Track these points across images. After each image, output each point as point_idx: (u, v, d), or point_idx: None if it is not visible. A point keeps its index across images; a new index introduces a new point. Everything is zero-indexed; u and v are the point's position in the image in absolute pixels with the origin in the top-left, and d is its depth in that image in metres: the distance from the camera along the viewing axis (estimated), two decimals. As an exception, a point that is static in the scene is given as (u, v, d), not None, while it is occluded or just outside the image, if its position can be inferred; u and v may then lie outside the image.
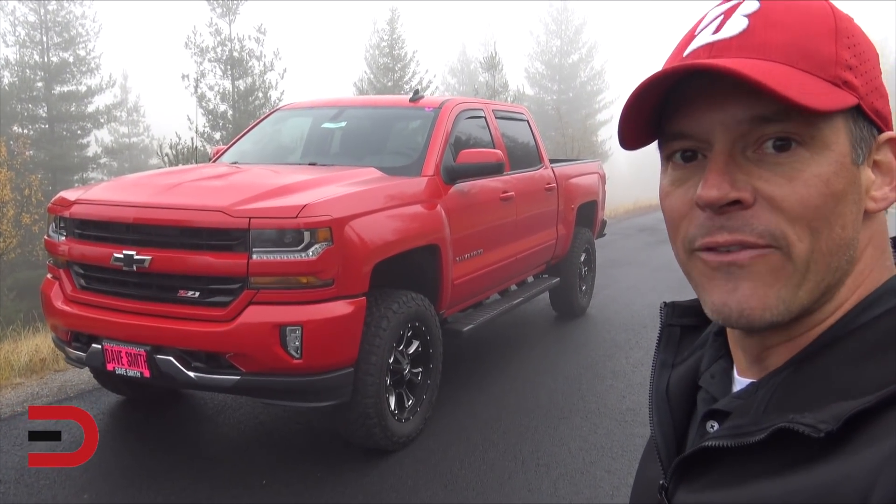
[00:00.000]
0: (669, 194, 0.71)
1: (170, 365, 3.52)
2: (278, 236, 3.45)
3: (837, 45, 0.65)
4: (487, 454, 4.01)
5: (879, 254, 0.69)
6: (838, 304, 0.67)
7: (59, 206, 4.04)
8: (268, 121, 5.73)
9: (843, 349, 0.64)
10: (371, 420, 3.76)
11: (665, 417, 0.79)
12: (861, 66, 0.66)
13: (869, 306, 0.66)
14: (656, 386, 0.82)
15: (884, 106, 0.68)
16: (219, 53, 28.70)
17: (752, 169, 0.64)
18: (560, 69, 49.40)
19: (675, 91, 0.68)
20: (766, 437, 0.61)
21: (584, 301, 7.25)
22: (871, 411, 0.57)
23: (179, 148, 19.91)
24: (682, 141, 0.69)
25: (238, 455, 4.05)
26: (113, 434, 4.41)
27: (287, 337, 3.44)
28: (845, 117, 0.65)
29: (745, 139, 0.65)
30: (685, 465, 0.71)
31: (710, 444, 0.67)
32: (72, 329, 3.91)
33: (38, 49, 32.89)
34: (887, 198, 0.68)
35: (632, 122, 0.71)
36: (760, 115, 0.63)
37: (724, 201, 0.64)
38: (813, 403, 0.61)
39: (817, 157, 0.63)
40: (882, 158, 0.68)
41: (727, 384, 0.75)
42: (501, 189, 5.25)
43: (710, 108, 0.65)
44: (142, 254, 3.57)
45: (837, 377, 0.62)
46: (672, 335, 0.85)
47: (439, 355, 4.35)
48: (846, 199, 0.64)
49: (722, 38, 0.66)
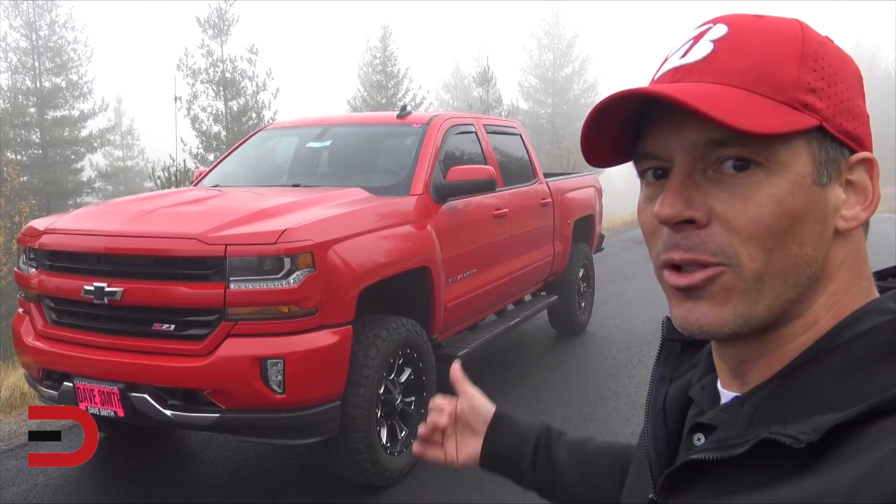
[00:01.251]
0: (643, 210, 0.73)
1: (145, 403, 3.31)
2: (257, 264, 3.25)
3: (801, 68, 0.66)
4: (486, 487, 3.79)
5: (854, 274, 0.69)
6: (812, 320, 0.68)
7: (28, 236, 3.84)
8: (251, 142, 5.55)
9: (826, 365, 0.65)
10: (361, 455, 3.55)
11: (660, 431, 0.80)
12: (828, 89, 0.67)
13: (852, 324, 0.66)
14: (654, 399, 0.83)
15: (856, 127, 0.68)
16: (211, 75, 28.63)
17: (710, 189, 0.66)
18: (553, 82, 49.54)
19: (646, 113, 0.70)
20: (750, 448, 0.62)
21: (584, 318, 7.06)
22: (852, 424, 0.58)
23: (172, 170, 19.74)
24: (650, 160, 0.71)
25: (224, 494, 3.83)
26: (91, 475, 4.18)
27: (268, 371, 3.23)
28: (807, 139, 0.65)
29: (705, 160, 0.67)
30: (673, 479, 0.71)
31: (696, 458, 0.67)
32: (43, 366, 3.71)
33: (30, 74, 32.83)
34: (858, 217, 0.68)
35: (595, 141, 0.74)
36: (715, 138, 0.65)
37: (677, 219, 0.66)
38: (796, 416, 0.62)
39: (773, 178, 0.65)
40: (856, 178, 0.69)
41: (715, 397, 0.75)
42: (494, 206, 5.07)
43: (671, 130, 0.68)
44: (113, 285, 3.37)
45: (821, 392, 0.64)
46: (672, 349, 0.86)
47: (433, 383, 4.14)
48: (804, 219, 0.65)
49: (686, 63, 0.69)
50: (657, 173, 0.71)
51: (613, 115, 0.70)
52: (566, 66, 50.52)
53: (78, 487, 3.98)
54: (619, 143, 0.74)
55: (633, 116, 0.71)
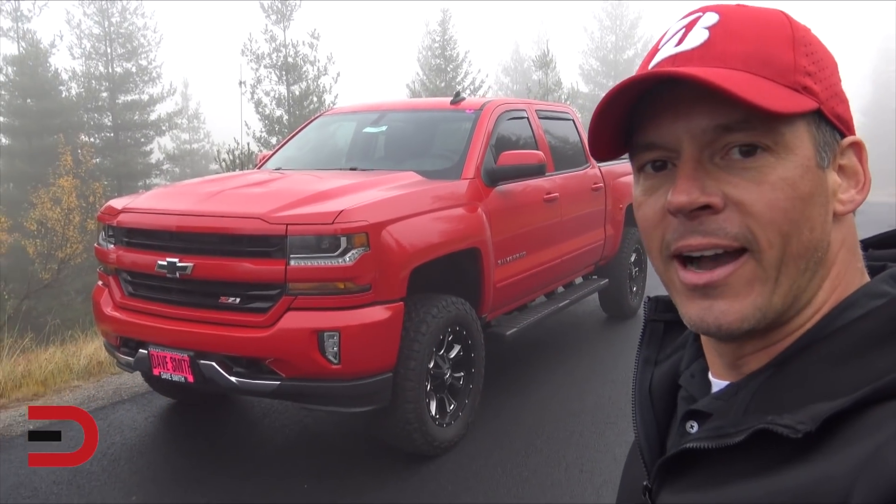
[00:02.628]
0: (642, 204, 0.72)
1: (212, 370, 3.57)
2: (315, 242, 3.46)
3: (795, 52, 0.67)
4: (530, 460, 3.96)
5: (851, 256, 0.70)
6: (817, 307, 0.68)
7: (107, 214, 4.15)
8: (311, 126, 5.78)
9: (820, 352, 0.65)
10: (411, 425, 3.75)
11: (648, 416, 0.80)
12: (820, 73, 0.68)
13: (845, 309, 0.67)
14: (639, 384, 0.82)
15: (845, 111, 0.70)
16: (274, 59, 29.19)
17: (721, 175, 0.66)
18: (615, 65, 48.75)
19: (642, 103, 0.70)
20: (746, 438, 0.62)
21: (635, 302, 7.11)
22: (848, 412, 0.58)
23: (237, 153, 20.32)
24: (652, 151, 0.71)
25: (282, 458, 4.08)
26: (163, 436, 4.51)
27: (325, 343, 3.45)
28: (807, 122, 0.66)
29: (712, 147, 0.66)
30: (667, 467, 0.72)
31: (691, 446, 0.67)
32: (120, 335, 4.02)
33: (102, 60, 34.03)
34: (854, 200, 0.69)
35: (601, 133, 0.73)
36: (724, 123, 0.65)
37: (694, 206, 0.66)
38: (792, 405, 0.62)
39: (782, 161, 0.65)
40: (846, 162, 0.70)
41: (706, 384, 0.75)
42: (545, 190, 5.18)
43: (676, 118, 0.67)
44: (184, 261, 3.64)
45: (815, 379, 0.63)
46: (655, 331, 0.85)
47: (481, 359, 4.31)
48: (813, 202, 0.66)
49: (684, 50, 0.69)
50: (656, 165, 0.71)
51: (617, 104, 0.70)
52: (628, 49, 49.63)
53: (152, 447, 4.31)
54: (615, 136, 0.73)
55: (628, 108, 0.71)
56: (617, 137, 0.73)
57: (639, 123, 0.71)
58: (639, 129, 0.71)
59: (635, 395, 0.82)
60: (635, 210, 0.74)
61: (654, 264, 0.73)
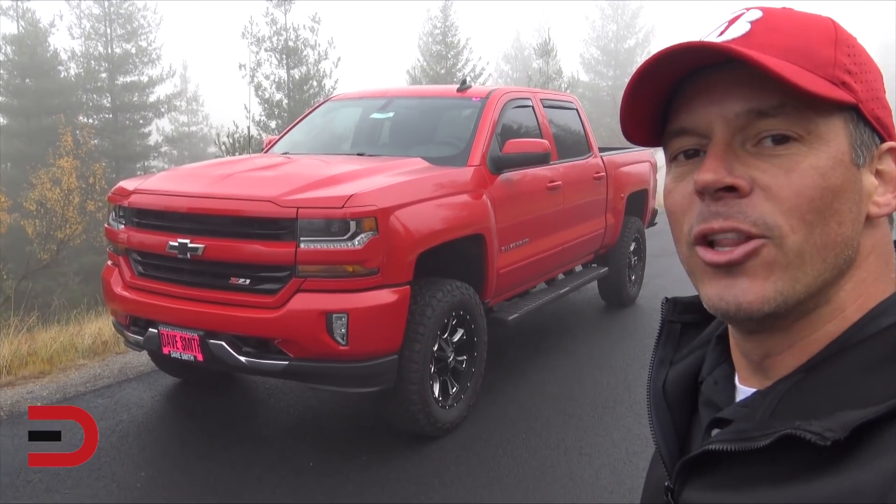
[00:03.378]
0: (672, 191, 0.73)
1: (221, 349, 3.64)
2: (325, 226, 3.53)
3: (837, 51, 0.67)
4: (530, 442, 4.05)
5: (883, 264, 0.69)
6: (838, 308, 0.67)
7: (118, 195, 4.21)
8: (318, 111, 5.83)
9: (851, 359, 0.64)
10: (415, 406, 3.83)
11: (664, 417, 0.79)
12: (861, 74, 0.68)
13: (877, 317, 0.66)
14: (654, 384, 0.82)
15: (886, 116, 0.69)
16: (274, 43, 29.12)
17: (750, 160, 0.66)
18: (616, 54, 48.69)
19: (678, 91, 0.71)
20: (771, 442, 0.62)
21: (634, 291, 7.19)
22: (879, 422, 0.57)
23: (236, 136, 20.31)
24: (684, 138, 0.71)
25: (288, 437, 4.17)
26: (169, 415, 4.59)
27: (333, 324, 3.52)
28: (844, 118, 0.66)
29: (744, 133, 0.66)
30: (689, 467, 0.71)
31: (713, 448, 0.67)
32: (130, 314, 4.08)
33: (102, 41, 33.93)
34: (890, 203, 0.69)
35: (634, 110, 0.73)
36: (758, 108, 0.65)
37: (719, 184, 0.66)
38: (820, 411, 0.61)
39: (814, 150, 0.65)
40: (885, 168, 0.69)
41: (730, 391, 0.75)
42: (548, 178, 5.25)
43: (710, 101, 0.68)
44: (195, 242, 3.70)
45: (845, 387, 0.63)
46: (672, 332, 0.85)
47: (484, 344, 4.40)
48: (844, 196, 0.65)
49: (725, 40, 0.68)
50: (688, 154, 0.71)
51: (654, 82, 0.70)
52: (629, 38, 49.57)
53: (159, 425, 4.39)
54: (651, 120, 0.74)
55: (665, 93, 0.71)
56: (651, 121, 0.74)
57: (672, 111, 0.72)
58: (672, 117, 0.72)
59: (650, 395, 0.82)
60: (665, 198, 0.74)
61: (679, 250, 0.73)
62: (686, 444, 0.77)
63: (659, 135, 0.75)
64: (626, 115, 0.74)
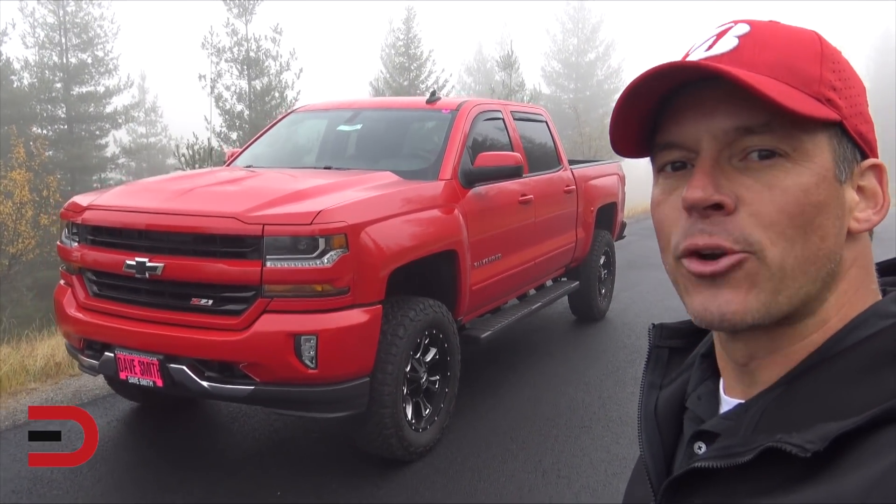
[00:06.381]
0: (660, 203, 0.73)
1: (183, 374, 3.45)
2: (292, 243, 3.37)
3: (822, 67, 0.69)
4: (507, 465, 3.92)
5: (864, 275, 0.71)
6: (822, 319, 0.69)
7: (71, 211, 3.99)
8: (282, 123, 5.66)
9: (831, 370, 0.65)
10: (388, 430, 3.67)
11: (654, 438, 0.80)
12: (845, 91, 0.69)
13: (856, 328, 0.67)
14: (645, 407, 0.84)
15: (868, 132, 0.71)
16: (235, 53, 28.78)
17: (736, 176, 0.67)
18: (577, 67, 49.26)
19: (666, 104, 0.71)
20: (755, 457, 0.62)
21: (604, 305, 7.14)
22: (858, 432, 0.58)
23: (196, 148, 19.94)
24: (672, 151, 0.72)
25: (253, 465, 3.97)
26: (126, 442, 4.35)
27: (302, 346, 3.36)
28: (828, 134, 0.67)
29: (731, 148, 0.67)
30: (675, 487, 0.71)
31: (699, 465, 0.67)
32: (84, 336, 3.86)
33: (56, 50, 33.11)
34: (870, 220, 0.70)
35: (623, 124, 0.74)
36: (745, 125, 0.66)
37: (707, 202, 0.66)
38: (801, 424, 0.62)
39: (798, 167, 0.66)
40: (866, 184, 0.71)
41: (714, 405, 0.76)
42: (520, 192, 5.15)
43: (698, 117, 0.69)
44: (154, 261, 3.51)
45: (825, 398, 0.64)
46: (660, 357, 0.87)
47: (457, 363, 4.26)
48: (826, 212, 0.66)
49: (713, 55, 0.70)
50: (675, 166, 0.72)
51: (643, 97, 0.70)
52: (590, 52, 50.20)
53: (114, 454, 4.14)
54: (639, 133, 0.74)
55: (653, 107, 0.72)
56: (639, 134, 0.74)
57: (661, 124, 0.72)
58: (660, 130, 0.72)
59: (641, 419, 0.83)
60: (653, 209, 0.74)
61: (664, 261, 0.74)
62: (672, 465, 0.78)
63: (646, 147, 0.75)
64: (616, 129, 0.75)
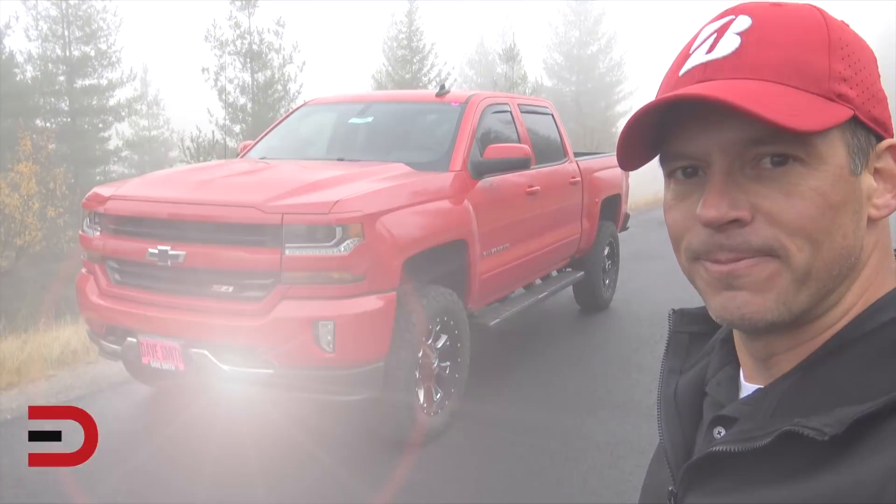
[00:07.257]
0: (672, 208, 0.72)
1: (204, 359, 3.57)
2: (310, 232, 3.49)
3: (831, 57, 0.66)
4: (515, 448, 4.04)
5: (884, 257, 0.70)
6: (846, 308, 0.68)
7: (93, 201, 4.10)
8: (294, 116, 5.77)
9: (850, 355, 0.65)
10: (401, 414, 3.80)
11: (673, 423, 0.80)
12: (856, 76, 0.66)
13: (875, 312, 0.67)
14: (664, 392, 0.83)
15: (882, 112, 0.68)
16: (238, 46, 28.78)
17: (751, 186, 0.66)
18: (579, 60, 49.09)
19: (673, 112, 0.69)
20: (773, 441, 0.62)
21: (608, 295, 7.25)
22: (877, 416, 0.58)
23: (200, 141, 20.06)
24: (682, 160, 0.70)
25: (269, 448, 4.09)
26: (149, 426, 4.48)
27: (320, 331, 3.48)
28: (842, 129, 0.65)
29: (742, 158, 0.66)
30: (693, 471, 0.72)
31: (718, 450, 0.68)
32: (107, 323, 3.98)
33: (59, 43, 33.08)
34: (889, 205, 0.69)
35: (630, 148, 0.73)
36: (753, 137, 0.64)
37: (723, 221, 0.65)
38: (820, 408, 0.62)
39: (814, 171, 0.64)
40: (883, 166, 0.69)
41: (734, 390, 0.76)
42: (527, 184, 5.26)
43: (706, 129, 0.67)
44: (176, 249, 3.62)
45: (844, 382, 0.64)
46: (680, 342, 0.86)
47: (467, 349, 4.38)
48: (845, 210, 0.65)
49: (715, 59, 0.68)
50: (687, 171, 0.70)
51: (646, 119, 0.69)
52: (592, 44, 50.02)
53: (135, 438, 4.26)
54: (646, 144, 0.73)
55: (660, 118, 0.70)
56: (646, 148, 0.73)
57: (669, 132, 0.70)
58: (669, 138, 0.71)
59: (660, 403, 0.83)
60: (665, 214, 0.73)
61: (679, 261, 0.74)
62: (692, 450, 0.77)
63: (651, 152, 0.74)
64: (623, 153, 0.74)
